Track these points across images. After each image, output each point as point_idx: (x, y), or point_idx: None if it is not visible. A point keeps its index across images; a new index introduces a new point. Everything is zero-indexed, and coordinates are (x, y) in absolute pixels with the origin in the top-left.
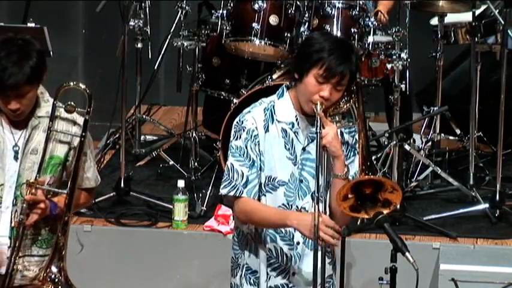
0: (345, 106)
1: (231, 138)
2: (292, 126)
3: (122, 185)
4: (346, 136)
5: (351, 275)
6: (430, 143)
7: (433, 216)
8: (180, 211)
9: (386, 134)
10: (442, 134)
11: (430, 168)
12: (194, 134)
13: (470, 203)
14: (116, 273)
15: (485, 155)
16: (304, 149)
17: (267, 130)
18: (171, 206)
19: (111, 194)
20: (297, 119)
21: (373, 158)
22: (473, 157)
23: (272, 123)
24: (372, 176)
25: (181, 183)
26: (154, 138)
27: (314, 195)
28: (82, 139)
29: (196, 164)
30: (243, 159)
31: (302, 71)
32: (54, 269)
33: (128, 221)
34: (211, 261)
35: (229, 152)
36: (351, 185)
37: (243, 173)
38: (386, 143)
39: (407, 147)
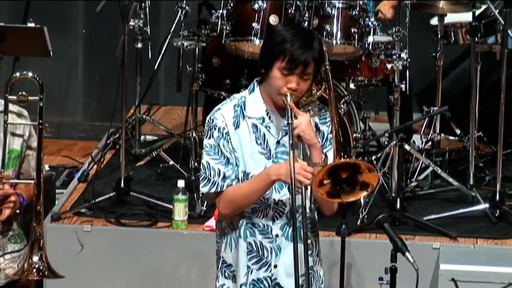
0: (318, 93)
1: (204, 137)
2: (263, 121)
3: (122, 185)
4: (321, 127)
5: (351, 275)
6: (430, 143)
7: (433, 216)
8: (180, 211)
9: (387, 134)
10: (442, 134)
11: (430, 168)
12: (194, 134)
13: (470, 203)
14: (116, 273)
15: (485, 155)
16: (278, 142)
17: (237, 126)
18: (171, 206)
19: (111, 194)
20: (267, 114)
21: (373, 158)
22: (473, 157)
23: (243, 119)
24: (346, 159)
25: (181, 183)
26: (154, 138)
27: (290, 187)
28: (40, 126)
29: (196, 164)
30: (217, 157)
31: (267, 66)
32: (35, 258)
33: (128, 221)
34: (211, 261)
35: (203, 150)
36: (326, 169)
37: (219, 170)
38: (386, 143)
39: (407, 147)
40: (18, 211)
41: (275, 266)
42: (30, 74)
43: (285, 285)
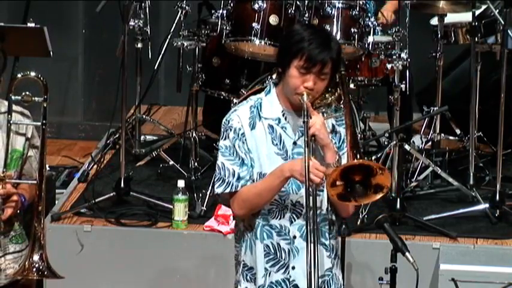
0: (331, 97)
1: (220, 138)
2: (279, 122)
3: (122, 185)
4: (338, 128)
5: (351, 275)
6: (430, 143)
7: (433, 216)
8: (180, 211)
9: (387, 134)
10: (442, 134)
11: (430, 168)
12: (194, 134)
13: (470, 203)
14: (116, 273)
15: (485, 155)
16: (295, 143)
17: (253, 127)
18: (171, 206)
19: (111, 194)
20: (284, 114)
21: (373, 158)
22: (473, 157)
23: (259, 120)
24: (360, 160)
25: (181, 183)
26: (154, 138)
27: (304, 184)
28: (44, 127)
29: (196, 164)
30: (232, 158)
31: (284, 64)
32: (36, 257)
33: (128, 221)
34: (211, 261)
35: (218, 151)
36: (340, 170)
37: (234, 171)
38: (386, 143)
39: (407, 147)
40: (19, 211)
41: (293, 268)
42: (33, 74)
43: (303, 287)
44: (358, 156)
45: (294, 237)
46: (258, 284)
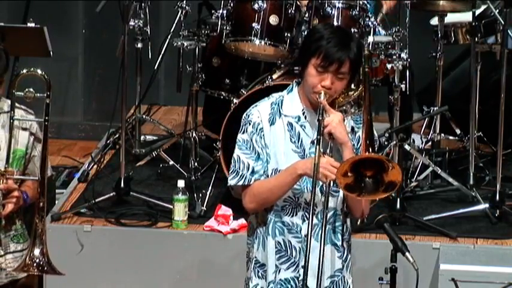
0: (354, 94)
1: (239, 132)
2: (298, 120)
3: (122, 185)
4: (357, 131)
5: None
6: (430, 143)
7: (433, 216)
8: (180, 211)
9: (387, 134)
10: (442, 134)
11: (430, 168)
12: (194, 134)
13: (470, 203)
14: (116, 273)
15: (485, 155)
16: (313, 142)
17: (272, 123)
18: (171, 206)
19: (111, 194)
20: (304, 113)
21: None
22: (473, 157)
23: (279, 117)
24: (371, 154)
25: (181, 183)
26: (154, 138)
27: (323, 188)
28: (46, 123)
29: (196, 164)
30: (249, 152)
31: (303, 63)
32: (36, 252)
33: (128, 221)
34: (211, 261)
35: (236, 145)
36: (350, 163)
37: (249, 164)
38: (386, 143)
39: (407, 147)
40: (21, 209)
41: (303, 267)
42: (39, 71)
43: (311, 286)
44: (370, 151)
45: (306, 235)
46: (268, 280)
